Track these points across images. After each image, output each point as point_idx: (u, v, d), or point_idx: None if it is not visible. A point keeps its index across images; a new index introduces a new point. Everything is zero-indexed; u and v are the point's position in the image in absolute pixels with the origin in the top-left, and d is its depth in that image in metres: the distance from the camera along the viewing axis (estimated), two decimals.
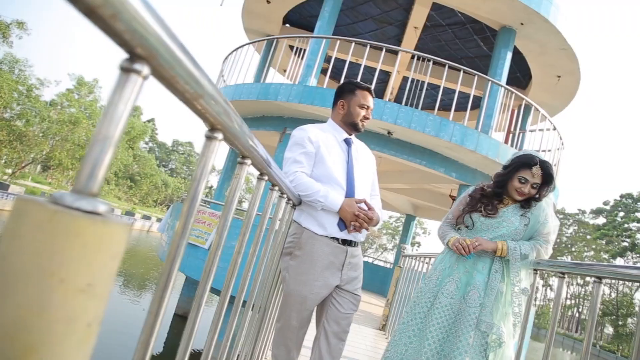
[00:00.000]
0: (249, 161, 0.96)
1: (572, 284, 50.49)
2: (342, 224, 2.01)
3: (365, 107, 2.14)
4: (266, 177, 1.19)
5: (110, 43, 0.43)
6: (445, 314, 1.99)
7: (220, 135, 0.72)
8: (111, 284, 0.42)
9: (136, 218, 34.69)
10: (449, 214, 2.30)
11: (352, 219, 1.98)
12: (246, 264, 1.39)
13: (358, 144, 2.24)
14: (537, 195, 2.08)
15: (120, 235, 0.42)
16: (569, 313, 51.48)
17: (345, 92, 2.16)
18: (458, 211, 2.23)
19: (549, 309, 51.74)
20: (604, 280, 1.52)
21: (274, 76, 9.30)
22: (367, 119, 2.17)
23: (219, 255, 0.94)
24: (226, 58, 8.68)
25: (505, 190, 2.11)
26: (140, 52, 0.44)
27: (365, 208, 2.02)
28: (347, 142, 2.16)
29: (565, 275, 1.79)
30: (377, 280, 11.12)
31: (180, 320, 9.02)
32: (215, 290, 5.43)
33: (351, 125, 2.15)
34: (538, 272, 2.02)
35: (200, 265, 6.20)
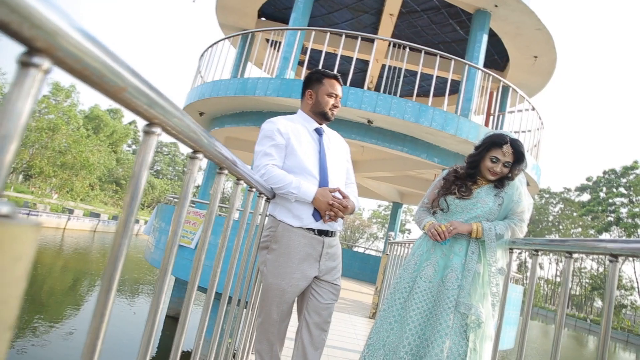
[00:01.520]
0: (200, 155, 0.94)
1: (561, 261, 51.28)
2: (317, 215, 2.00)
3: (334, 95, 2.13)
4: (226, 171, 1.17)
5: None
6: (425, 298, 1.99)
7: (158, 130, 0.70)
8: (18, 286, 0.40)
9: None
10: (424, 199, 2.30)
11: (327, 208, 1.97)
12: (215, 257, 1.37)
13: (330, 133, 2.23)
14: (510, 175, 2.09)
15: (25, 236, 0.40)
16: (559, 290, 52.34)
17: (312, 81, 2.15)
18: (433, 195, 2.24)
19: (540, 287, 52.67)
20: (574, 255, 1.54)
21: (250, 70, 9.22)
22: (337, 107, 2.15)
23: (174, 253, 0.92)
24: (202, 55, 8.58)
25: (478, 170, 2.12)
26: (37, 45, 0.42)
27: (340, 197, 2.01)
28: (318, 131, 2.15)
29: (539, 252, 1.81)
30: (368, 269, 11.18)
31: (172, 321, 8.98)
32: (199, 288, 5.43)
33: (320, 115, 2.13)
34: (523, 251, 2.03)
35: (188, 266, 6.16)
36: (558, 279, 51.85)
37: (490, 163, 2.05)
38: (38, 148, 24.54)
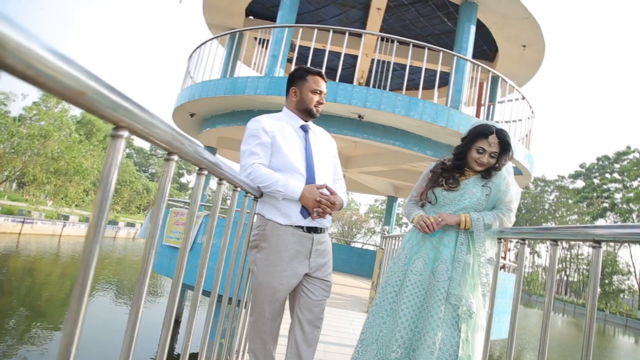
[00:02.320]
0: (175, 157, 0.93)
1: (559, 249, 51.58)
2: (306, 212, 2.00)
3: (318, 92, 2.12)
4: (206, 172, 1.17)
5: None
6: (416, 291, 2.00)
7: (125, 133, 0.70)
8: None
9: (120, 226, 34.24)
10: (413, 192, 2.31)
11: (314, 205, 1.97)
12: (200, 257, 1.37)
13: (316, 130, 2.22)
14: (497, 165, 2.09)
15: None
16: (557, 277, 52.67)
17: (296, 78, 2.14)
18: (421, 188, 2.24)
19: (538, 274, 52.98)
20: (559, 243, 1.55)
21: (240, 69, 9.18)
22: (321, 103, 2.15)
23: (153, 254, 0.92)
24: (191, 56, 8.55)
25: (465, 162, 2.12)
26: None
27: (327, 193, 2.01)
28: (304, 128, 2.15)
29: (526, 241, 1.82)
30: (366, 264, 11.20)
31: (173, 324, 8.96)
32: (189, 286, 5.42)
33: (305, 112, 2.13)
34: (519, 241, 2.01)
35: (186, 268, 6.15)
36: (557, 267, 52.11)
37: (477, 154, 2.06)
38: (30, 155, 24.40)
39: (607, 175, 43.75)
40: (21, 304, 10.36)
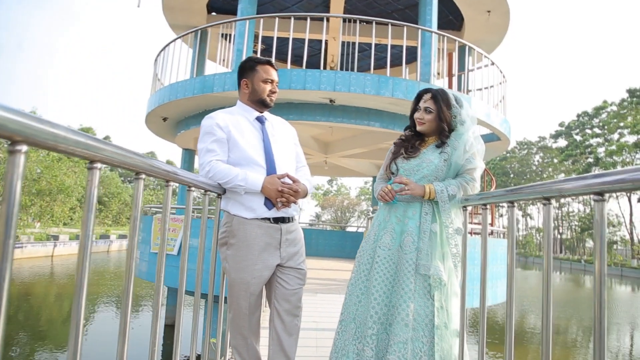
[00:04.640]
0: (98, 164, 0.91)
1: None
2: (270, 203, 1.99)
3: (269, 81, 2.11)
4: (143, 176, 1.15)
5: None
6: (385, 266, 2.01)
7: (23, 147, 0.68)
8: None
9: (112, 239, 33.99)
10: (381, 170, 2.31)
11: (277, 195, 1.96)
12: (157, 255, 1.36)
13: (273, 120, 2.21)
14: (443, 123, 2.07)
15: None
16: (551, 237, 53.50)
17: (246, 70, 2.12)
18: (387, 164, 2.25)
19: (532, 237, 53.81)
20: (516, 204, 1.56)
21: (208, 67, 9.07)
22: (274, 92, 2.14)
23: (87, 266, 0.91)
24: (156, 59, 8.42)
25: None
26: None
27: (289, 182, 2.00)
28: (260, 120, 2.13)
29: (488, 206, 1.84)
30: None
31: (170, 330, 8.97)
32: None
33: (259, 102, 2.11)
34: (489, 206, 2.00)
35: (173, 272, 6.12)
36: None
37: (416, 112, 2.12)
38: None
39: (588, 131, 44.30)
40: (21, 329, 10.26)
